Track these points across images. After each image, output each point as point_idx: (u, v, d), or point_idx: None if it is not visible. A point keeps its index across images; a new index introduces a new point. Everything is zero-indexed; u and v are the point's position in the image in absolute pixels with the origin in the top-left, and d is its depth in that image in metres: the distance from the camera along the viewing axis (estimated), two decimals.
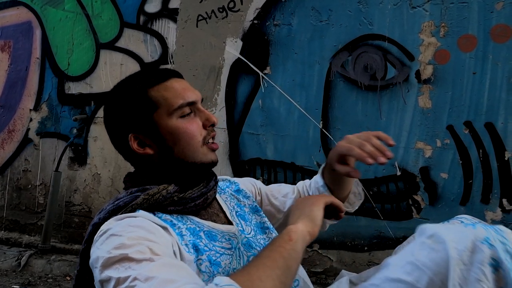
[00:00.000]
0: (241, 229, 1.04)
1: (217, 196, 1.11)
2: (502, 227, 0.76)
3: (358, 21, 2.40)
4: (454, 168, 2.20)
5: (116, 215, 0.90)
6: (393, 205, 2.32)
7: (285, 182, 2.52)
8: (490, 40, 2.15)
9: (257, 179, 2.62)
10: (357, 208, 1.27)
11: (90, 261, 0.84)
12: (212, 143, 1.02)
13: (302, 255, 0.86)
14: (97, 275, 0.80)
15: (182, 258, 0.86)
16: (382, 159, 0.92)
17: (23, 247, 3.16)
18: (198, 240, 0.92)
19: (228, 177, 1.25)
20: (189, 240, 0.90)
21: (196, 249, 0.90)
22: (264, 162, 2.59)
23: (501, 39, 2.13)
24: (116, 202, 0.94)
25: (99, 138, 3.06)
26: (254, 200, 1.18)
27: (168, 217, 0.93)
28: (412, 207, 2.27)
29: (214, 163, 1.02)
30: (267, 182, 2.57)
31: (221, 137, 2.71)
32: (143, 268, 0.74)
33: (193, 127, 0.97)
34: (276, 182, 2.55)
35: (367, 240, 2.32)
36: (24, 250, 3.06)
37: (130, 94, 0.98)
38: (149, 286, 0.71)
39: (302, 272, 1.09)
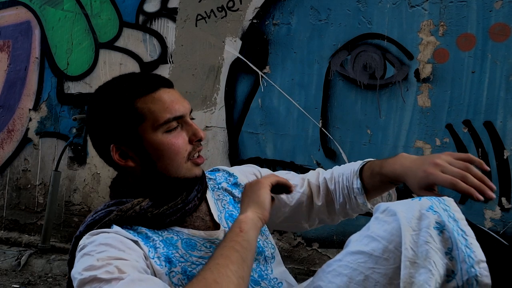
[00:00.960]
0: None
1: (209, 194, 1.09)
2: (445, 197, 0.82)
3: (357, 20, 2.41)
4: None
5: (92, 229, 0.91)
6: None
7: None
8: (489, 39, 2.16)
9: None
10: None
11: (71, 276, 0.86)
12: (198, 157, 0.99)
13: (256, 242, 0.87)
14: None
15: (154, 271, 0.87)
16: (492, 195, 0.85)
17: (22, 246, 3.16)
18: (173, 251, 0.92)
19: (227, 169, 1.21)
20: (162, 253, 0.90)
21: (169, 261, 0.90)
22: (264, 161, 2.60)
23: (500, 38, 2.14)
24: (94, 216, 0.95)
25: None
26: None
27: (143, 229, 0.93)
28: None
29: (197, 178, 1.00)
30: None
31: (221, 136, 2.71)
32: (113, 287, 0.76)
33: (179, 143, 0.94)
34: None
35: None
36: (24, 250, 3.06)
37: (116, 103, 0.94)
38: None
39: (284, 275, 1.08)
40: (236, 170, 1.22)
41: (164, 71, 2.85)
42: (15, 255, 2.99)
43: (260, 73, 2.62)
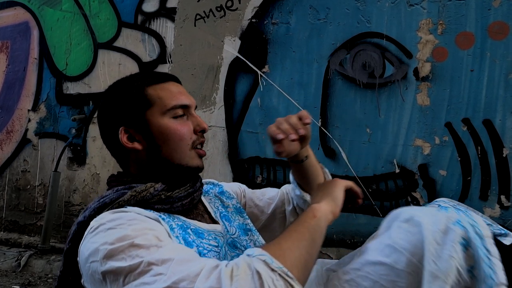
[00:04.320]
0: (226, 229, 1.05)
1: (202, 197, 1.11)
2: (472, 212, 0.82)
3: (356, 19, 2.41)
4: (453, 165, 2.20)
5: (103, 212, 0.89)
6: (392, 203, 2.32)
7: (284, 180, 2.53)
8: (487, 37, 2.16)
9: (256, 177, 2.62)
10: None
11: (83, 256, 0.82)
12: (201, 149, 1.03)
13: (324, 232, 0.88)
14: (97, 268, 0.78)
15: None
16: (293, 136, 0.94)
17: (22, 247, 3.16)
18: (187, 235, 0.92)
19: (212, 180, 1.26)
20: (180, 233, 0.91)
21: (186, 242, 0.90)
22: (263, 161, 2.60)
23: (499, 36, 2.14)
24: (102, 200, 0.93)
25: (97, 138, 3.06)
26: (238, 201, 1.20)
27: (156, 214, 0.92)
28: (411, 204, 2.28)
29: (199, 169, 1.02)
30: (266, 180, 2.58)
31: (220, 136, 2.71)
32: (154, 253, 0.74)
33: (184, 130, 0.98)
34: (275, 180, 2.56)
35: (366, 237, 2.31)
36: (23, 251, 3.06)
37: (127, 89, 1.00)
38: (167, 267, 0.72)
39: None
40: (219, 182, 1.27)
41: (163, 71, 2.85)
42: (15, 256, 2.99)
43: (259, 72, 2.62)
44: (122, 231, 0.78)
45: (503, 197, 2.10)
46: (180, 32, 2.85)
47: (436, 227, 0.77)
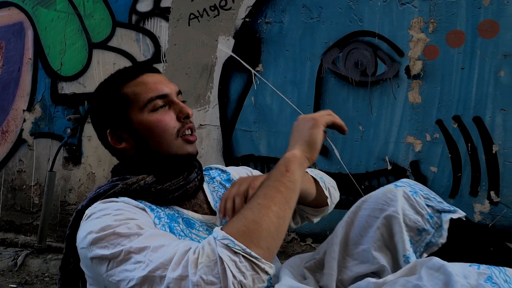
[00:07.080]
0: (224, 221, 1.05)
1: (205, 185, 1.13)
2: (507, 268, 0.80)
3: (349, 18, 2.43)
4: (443, 161, 2.23)
5: (96, 202, 0.94)
6: None
7: None
8: (478, 36, 2.19)
9: None
10: (333, 204, 1.34)
11: (77, 243, 0.88)
12: (190, 134, 1.03)
13: (300, 182, 0.86)
14: (86, 253, 0.84)
15: None
16: (227, 219, 0.93)
17: (19, 247, 3.17)
18: (175, 225, 0.95)
19: (220, 166, 1.27)
20: (167, 222, 0.93)
21: (172, 232, 0.92)
22: (258, 159, 2.62)
23: (489, 35, 2.17)
24: (97, 190, 0.99)
25: (93, 137, 3.07)
26: None
27: (147, 203, 0.96)
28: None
29: (191, 155, 1.03)
30: None
31: (215, 134, 2.73)
32: (133, 241, 0.78)
33: (166, 120, 0.99)
34: None
35: None
36: (20, 250, 3.07)
37: (106, 92, 1.03)
38: (145, 255, 0.75)
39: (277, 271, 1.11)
40: (229, 168, 1.27)
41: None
42: (11, 255, 3.00)
43: (253, 71, 2.64)
44: (107, 221, 0.83)
45: (492, 193, 2.14)
46: (174, 31, 2.87)
47: (466, 280, 0.76)
